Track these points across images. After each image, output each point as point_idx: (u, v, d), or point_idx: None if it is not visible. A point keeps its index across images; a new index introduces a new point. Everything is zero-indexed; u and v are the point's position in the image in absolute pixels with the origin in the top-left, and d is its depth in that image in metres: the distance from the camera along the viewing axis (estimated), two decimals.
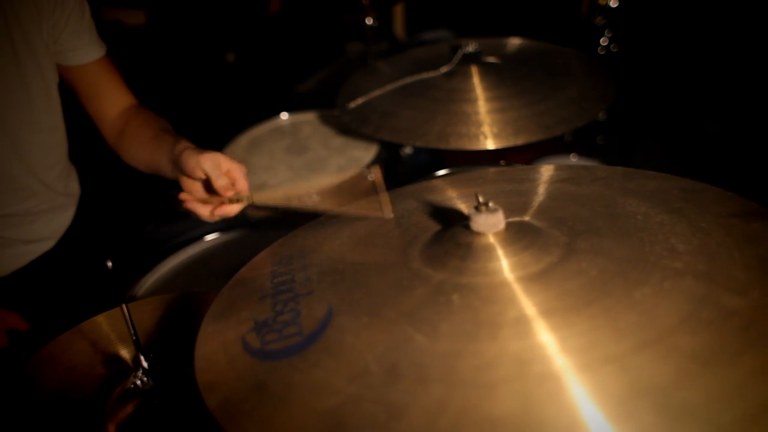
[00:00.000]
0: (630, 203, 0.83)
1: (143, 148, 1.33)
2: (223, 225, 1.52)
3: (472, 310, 0.67)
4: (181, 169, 1.17)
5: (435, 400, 0.58)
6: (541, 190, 0.94)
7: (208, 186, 1.16)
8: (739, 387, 0.54)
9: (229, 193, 1.13)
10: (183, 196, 1.17)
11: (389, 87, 1.60)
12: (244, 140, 1.94)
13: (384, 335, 0.67)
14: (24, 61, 1.24)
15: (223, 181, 1.12)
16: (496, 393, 0.58)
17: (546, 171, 1.00)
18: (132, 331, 0.85)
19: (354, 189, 1.05)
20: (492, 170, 1.06)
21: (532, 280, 0.69)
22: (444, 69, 1.61)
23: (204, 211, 1.15)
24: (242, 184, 1.14)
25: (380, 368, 0.63)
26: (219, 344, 0.73)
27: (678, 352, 0.58)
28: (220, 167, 1.12)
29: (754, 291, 0.64)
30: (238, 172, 1.13)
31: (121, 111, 1.41)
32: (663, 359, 0.58)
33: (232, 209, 1.15)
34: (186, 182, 1.19)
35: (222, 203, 1.14)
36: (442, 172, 1.66)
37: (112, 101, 1.42)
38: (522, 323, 0.64)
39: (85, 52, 1.35)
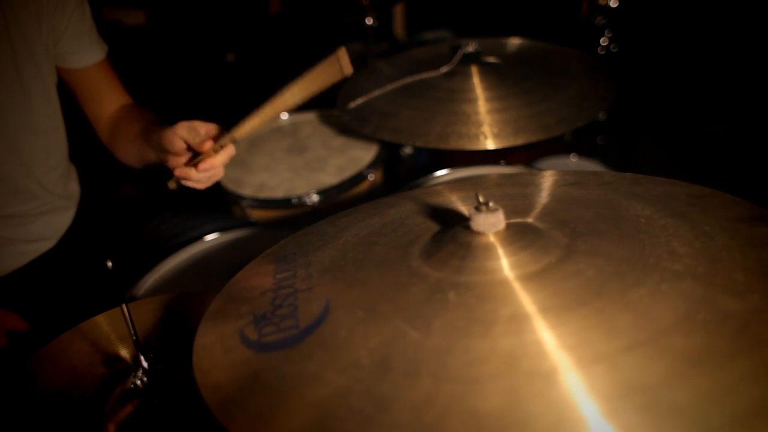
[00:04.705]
0: (634, 207, 0.83)
1: (132, 143, 1.34)
2: (223, 225, 1.53)
3: (466, 307, 0.67)
4: (162, 147, 1.18)
5: (422, 393, 0.59)
6: (546, 193, 0.94)
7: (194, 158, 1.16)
8: (729, 389, 0.54)
9: (209, 144, 1.13)
10: (171, 163, 1.17)
11: (389, 87, 1.60)
12: (244, 140, 1.94)
13: (377, 330, 0.67)
14: (23, 64, 1.24)
15: (201, 140, 1.13)
16: (484, 388, 0.58)
17: (552, 175, 1.00)
18: (132, 331, 0.85)
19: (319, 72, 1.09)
20: (497, 174, 1.06)
21: (529, 280, 0.69)
22: (444, 69, 1.61)
23: (193, 173, 1.14)
24: (220, 134, 1.13)
25: (371, 362, 0.63)
26: (217, 336, 0.74)
27: (670, 352, 0.58)
28: (196, 130, 1.14)
29: (753, 294, 0.64)
30: (215, 128, 1.14)
31: (115, 111, 1.41)
32: (654, 359, 0.58)
33: (218, 159, 1.14)
34: (171, 160, 1.20)
35: (207, 156, 1.13)
36: (442, 172, 1.66)
37: (109, 103, 1.42)
38: (515, 321, 0.64)
39: (85, 54, 1.35)
